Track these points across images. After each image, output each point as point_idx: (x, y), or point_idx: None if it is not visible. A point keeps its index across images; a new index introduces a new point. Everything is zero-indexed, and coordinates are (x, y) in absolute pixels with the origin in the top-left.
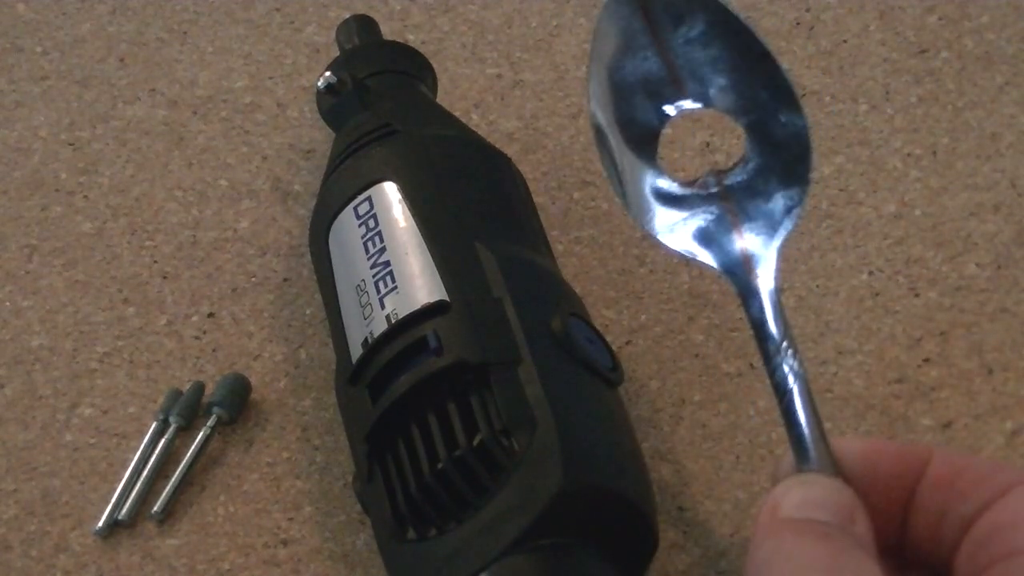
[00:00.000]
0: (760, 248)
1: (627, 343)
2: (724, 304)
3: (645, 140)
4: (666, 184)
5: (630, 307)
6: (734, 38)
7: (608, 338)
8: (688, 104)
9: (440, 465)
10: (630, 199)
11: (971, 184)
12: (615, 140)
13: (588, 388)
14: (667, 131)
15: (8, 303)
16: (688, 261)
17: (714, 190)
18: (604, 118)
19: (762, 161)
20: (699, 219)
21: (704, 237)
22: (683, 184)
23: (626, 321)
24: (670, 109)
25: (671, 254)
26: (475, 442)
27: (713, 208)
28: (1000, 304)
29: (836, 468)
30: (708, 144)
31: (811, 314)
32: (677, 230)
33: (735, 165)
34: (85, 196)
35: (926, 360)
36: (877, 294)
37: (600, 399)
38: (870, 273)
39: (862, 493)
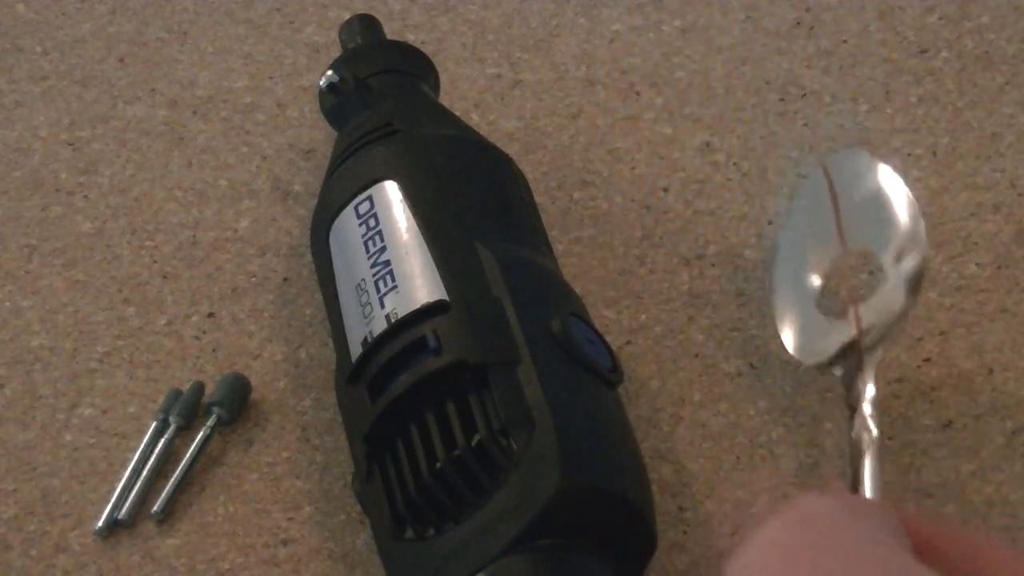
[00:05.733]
0: (872, 350)
1: (627, 343)
2: (724, 304)
3: (810, 282)
4: (817, 315)
5: (630, 307)
6: (891, 200)
7: (608, 338)
8: (846, 251)
9: (439, 465)
10: (787, 328)
11: (971, 184)
12: (793, 283)
13: (587, 388)
14: (825, 274)
15: (8, 303)
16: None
17: (849, 317)
18: (785, 266)
19: (888, 284)
20: (833, 338)
21: (837, 352)
22: (831, 315)
23: (626, 321)
24: (832, 257)
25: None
26: (473, 442)
27: (845, 328)
28: (1000, 304)
29: None
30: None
31: None
32: (818, 349)
33: (869, 293)
34: (85, 196)
35: (926, 360)
36: None
37: (599, 399)
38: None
39: None
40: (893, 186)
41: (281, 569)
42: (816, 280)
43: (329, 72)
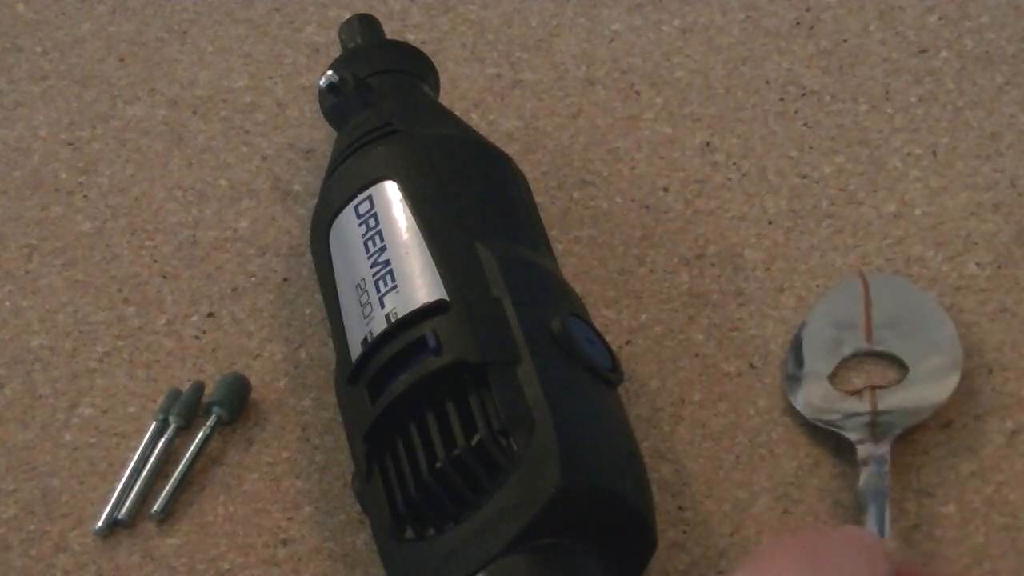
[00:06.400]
0: (892, 427)
1: (627, 343)
2: (724, 304)
3: (829, 362)
4: (830, 388)
5: (630, 307)
6: (919, 307)
7: (608, 338)
8: (870, 347)
9: (438, 465)
10: (804, 397)
11: (971, 184)
12: (812, 361)
13: (587, 388)
14: (847, 361)
15: (8, 303)
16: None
17: (868, 408)
18: (808, 345)
19: (910, 379)
20: (846, 406)
21: (844, 415)
22: (848, 394)
23: (626, 321)
24: (856, 348)
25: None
26: (473, 442)
27: (857, 403)
28: (1000, 304)
29: None
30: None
31: None
32: (827, 410)
33: (890, 384)
34: (85, 196)
35: None
36: None
37: (599, 399)
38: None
39: None
40: (937, 314)
41: (281, 569)
42: (834, 361)
43: (329, 72)
